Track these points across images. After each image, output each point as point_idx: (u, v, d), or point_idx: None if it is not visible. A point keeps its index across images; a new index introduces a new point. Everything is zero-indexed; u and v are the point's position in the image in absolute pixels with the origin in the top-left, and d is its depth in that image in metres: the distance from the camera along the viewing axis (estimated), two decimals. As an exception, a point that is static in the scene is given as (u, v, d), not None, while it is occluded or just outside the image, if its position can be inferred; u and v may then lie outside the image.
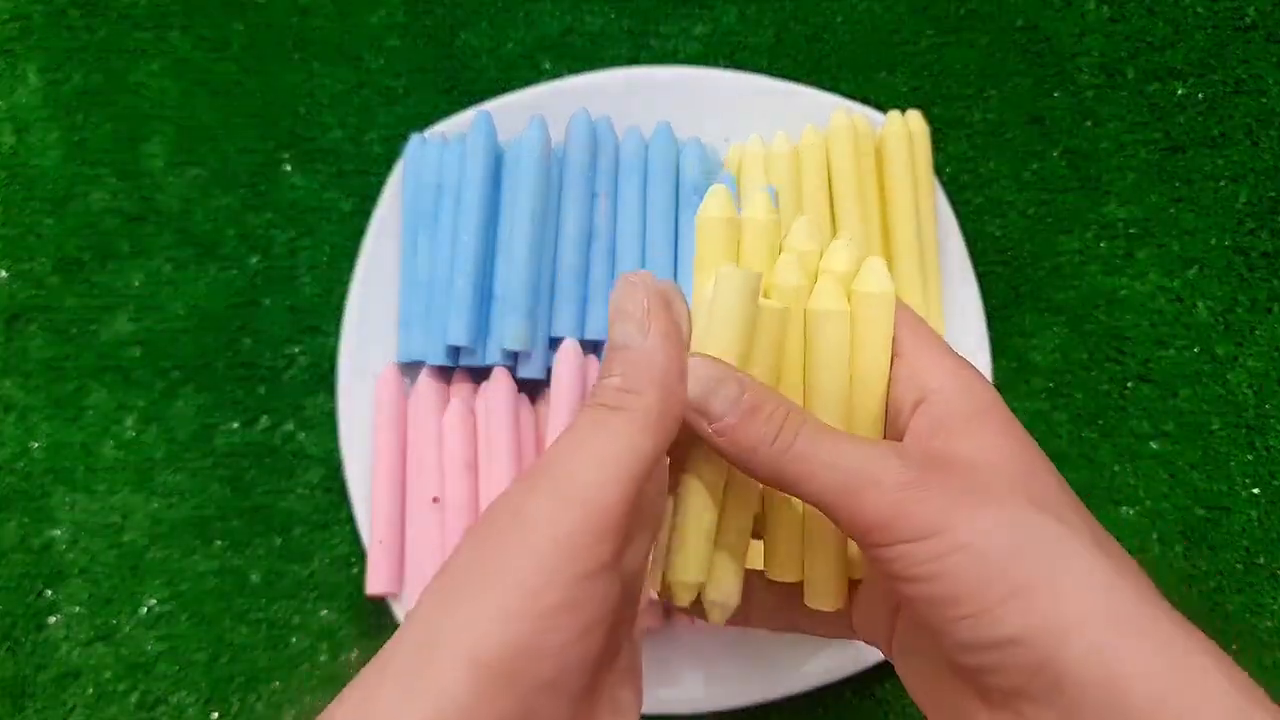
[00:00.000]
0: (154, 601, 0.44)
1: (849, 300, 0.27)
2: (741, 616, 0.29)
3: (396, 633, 0.22)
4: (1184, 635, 0.21)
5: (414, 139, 0.44)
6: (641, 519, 0.24)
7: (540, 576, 0.20)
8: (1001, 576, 0.22)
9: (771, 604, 0.29)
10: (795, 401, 0.26)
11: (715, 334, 0.25)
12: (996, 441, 0.25)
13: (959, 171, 0.49)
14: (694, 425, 0.24)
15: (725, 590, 0.27)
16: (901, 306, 0.27)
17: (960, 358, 0.27)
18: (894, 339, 0.27)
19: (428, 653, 0.20)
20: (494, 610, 0.20)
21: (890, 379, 0.27)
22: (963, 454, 0.24)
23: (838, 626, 0.30)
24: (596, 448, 0.22)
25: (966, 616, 0.22)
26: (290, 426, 0.46)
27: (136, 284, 0.47)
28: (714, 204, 0.27)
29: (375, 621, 0.44)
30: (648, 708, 0.41)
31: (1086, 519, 0.24)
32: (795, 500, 0.27)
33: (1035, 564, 0.22)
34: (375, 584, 0.41)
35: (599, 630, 0.21)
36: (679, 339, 0.24)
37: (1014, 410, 0.45)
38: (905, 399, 0.26)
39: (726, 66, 0.49)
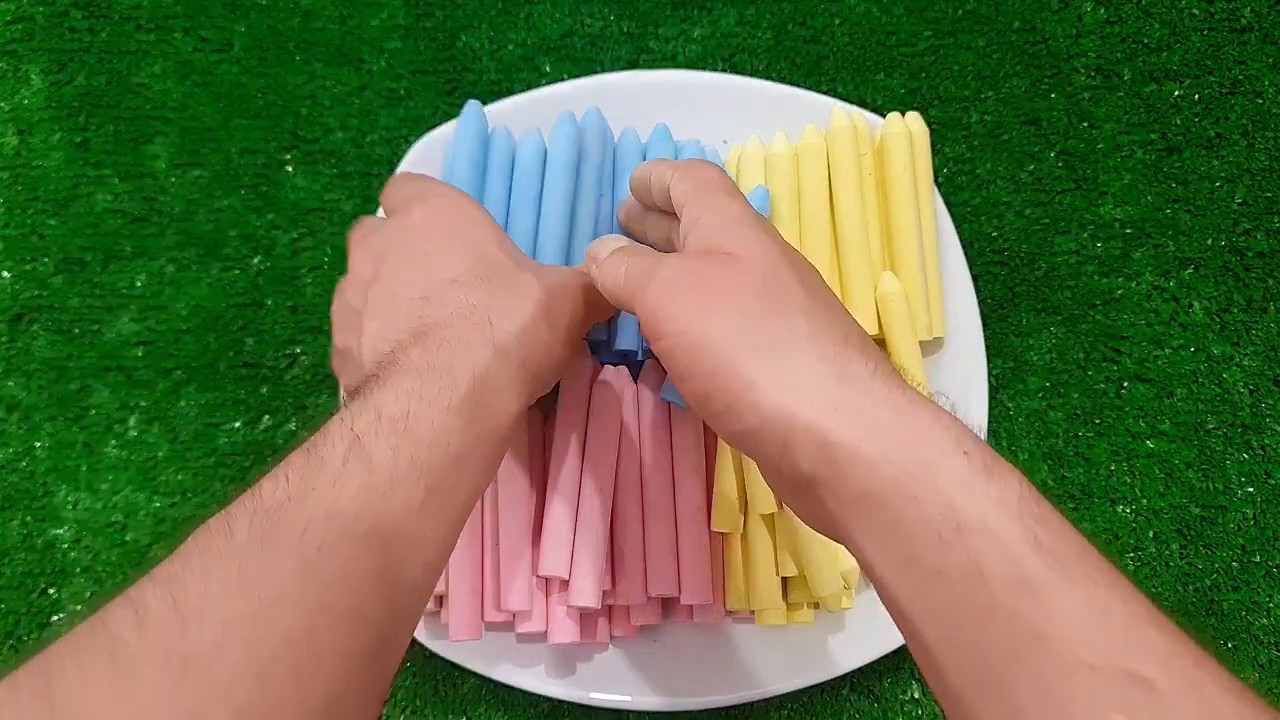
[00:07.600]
0: (157, 600, 0.44)
1: None
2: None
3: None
4: (876, 403, 0.25)
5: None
6: (592, 314, 0.35)
7: (542, 294, 0.32)
8: (735, 373, 0.25)
9: None
10: None
11: None
12: (752, 235, 0.29)
13: (956, 173, 0.49)
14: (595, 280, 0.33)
15: None
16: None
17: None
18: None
19: (473, 327, 0.29)
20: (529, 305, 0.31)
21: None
22: (726, 248, 0.28)
23: None
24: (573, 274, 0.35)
25: (719, 412, 0.26)
26: (293, 426, 0.46)
27: (139, 284, 0.47)
28: None
29: (377, 620, 0.44)
30: (646, 706, 0.42)
31: (826, 315, 0.27)
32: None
33: (761, 362, 0.25)
34: (377, 582, 0.41)
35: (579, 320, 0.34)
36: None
37: (1011, 410, 0.46)
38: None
39: (725, 69, 0.49)
